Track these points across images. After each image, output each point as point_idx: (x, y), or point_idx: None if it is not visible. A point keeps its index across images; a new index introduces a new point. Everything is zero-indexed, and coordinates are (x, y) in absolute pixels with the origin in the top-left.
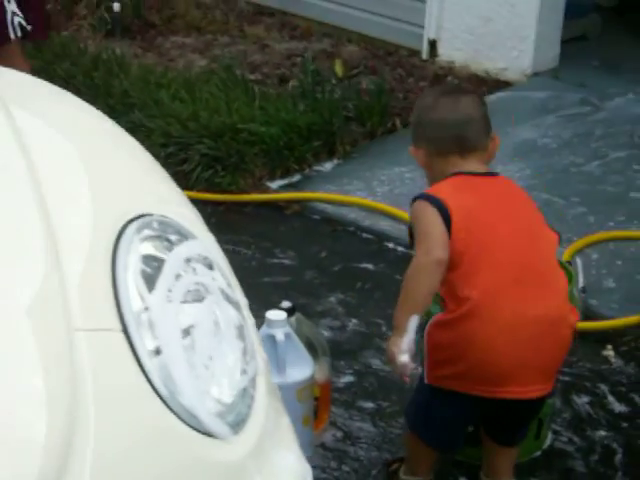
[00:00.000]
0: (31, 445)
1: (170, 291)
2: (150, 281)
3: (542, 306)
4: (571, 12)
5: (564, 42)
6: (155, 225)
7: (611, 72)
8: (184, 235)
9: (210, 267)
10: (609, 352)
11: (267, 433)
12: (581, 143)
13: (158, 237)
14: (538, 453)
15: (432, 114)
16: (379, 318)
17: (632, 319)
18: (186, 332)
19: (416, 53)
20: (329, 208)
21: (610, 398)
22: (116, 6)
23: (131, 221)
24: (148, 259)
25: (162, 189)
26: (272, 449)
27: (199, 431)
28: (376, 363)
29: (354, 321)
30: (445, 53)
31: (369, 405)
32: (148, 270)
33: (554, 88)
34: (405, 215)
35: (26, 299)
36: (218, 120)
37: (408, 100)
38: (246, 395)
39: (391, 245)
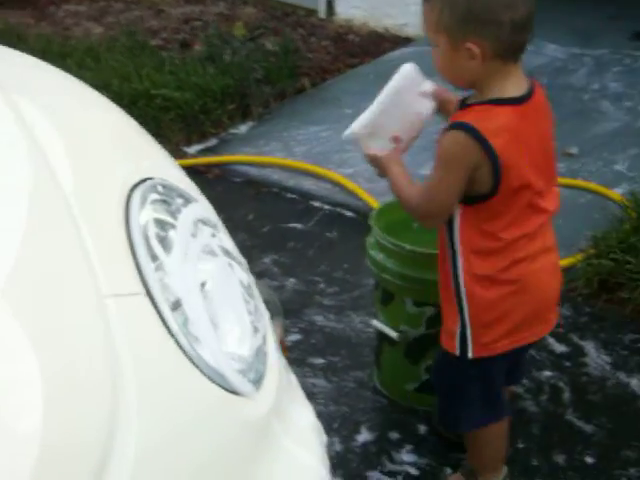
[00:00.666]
0: (82, 413)
1: (186, 254)
2: (163, 243)
3: (552, 235)
4: None
5: None
6: (160, 189)
7: None
8: (187, 198)
9: (215, 228)
10: None
11: (282, 389)
12: None
13: (164, 201)
14: None
15: (501, 8)
16: (316, 276)
17: (561, 262)
18: (204, 290)
19: (313, 13)
20: (251, 170)
21: (550, 340)
22: None
23: (135, 186)
24: (158, 222)
25: (154, 153)
26: (288, 405)
27: (226, 389)
28: (320, 320)
29: (292, 280)
30: (343, 12)
31: (319, 361)
32: (161, 233)
33: None
34: (328, 173)
35: (55, 268)
36: (130, 87)
37: (313, 60)
38: (260, 352)
39: (317, 204)
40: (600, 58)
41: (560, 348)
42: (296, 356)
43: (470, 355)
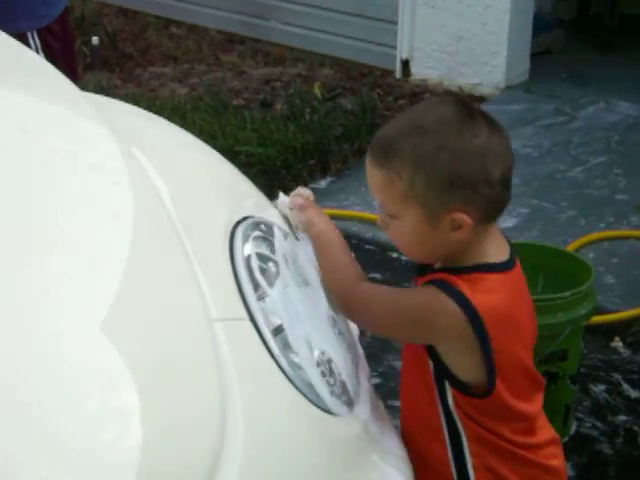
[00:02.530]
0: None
1: (286, 285)
2: (264, 274)
3: None
4: (537, 28)
5: (531, 56)
6: (261, 226)
7: (579, 83)
8: (285, 234)
9: (311, 261)
10: (617, 343)
11: (373, 412)
12: (561, 151)
13: (264, 237)
14: (566, 439)
15: (491, 162)
16: None
17: (636, 311)
18: (299, 315)
19: (389, 73)
20: None
21: (625, 385)
22: (95, 39)
23: (239, 223)
24: (259, 256)
25: (254, 193)
26: (378, 427)
27: (322, 409)
28: (398, 364)
29: None
30: (418, 72)
31: (398, 404)
32: (262, 265)
33: (527, 100)
34: None
35: (168, 292)
36: (216, 144)
37: (390, 118)
38: (352, 375)
39: (394, 255)
40: None
41: (635, 393)
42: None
43: None
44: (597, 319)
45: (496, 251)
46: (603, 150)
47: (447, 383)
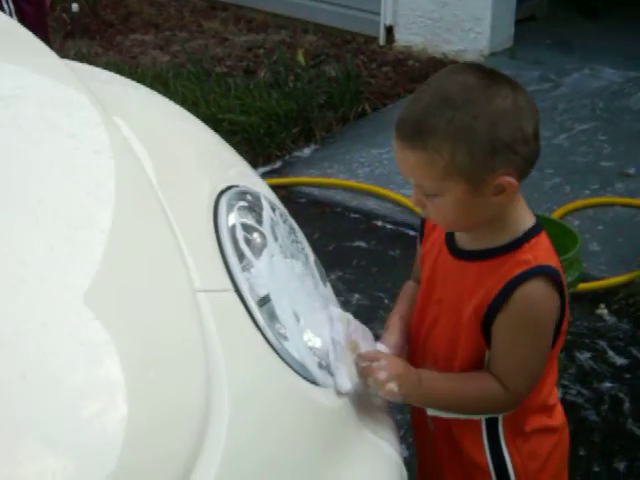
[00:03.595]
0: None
1: (272, 255)
2: (249, 245)
3: None
4: None
5: (516, 23)
6: (246, 196)
7: (564, 49)
8: (271, 204)
9: (294, 232)
10: (603, 310)
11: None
12: (546, 118)
13: (250, 207)
14: None
15: (523, 120)
16: (380, 292)
17: (622, 277)
18: (286, 286)
19: (373, 40)
20: (315, 191)
21: (610, 352)
22: (74, 7)
23: (223, 192)
24: (244, 226)
25: (238, 163)
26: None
27: (308, 380)
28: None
29: (357, 296)
30: (402, 38)
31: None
32: (247, 236)
33: (512, 67)
34: (390, 193)
35: (151, 262)
36: (198, 112)
37: (374, 85)
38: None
39: (379, 223)
40: None
41: (620, 360)
42: None
43: None
44: (583, 286)
45: (528, 213)
46: (588, 117)
47: None
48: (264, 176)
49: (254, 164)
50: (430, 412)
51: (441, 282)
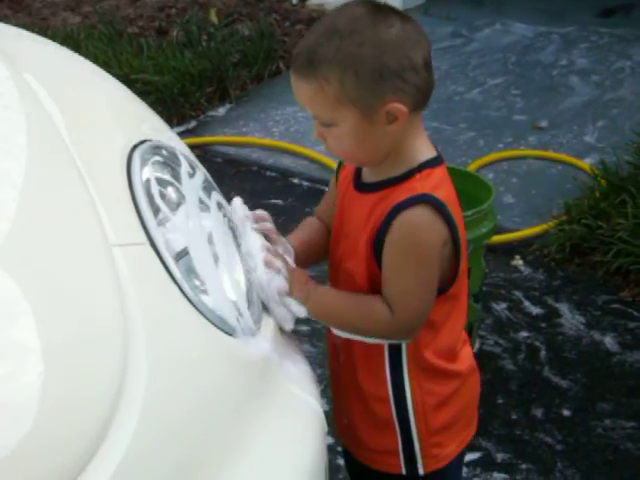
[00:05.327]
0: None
1: (187, 208)
2: (164, 199)
3: None
4: None
5: None
6: (159, 150)
7: (475, 4)
8: (185, 158)
9: (211, 186)
10: (518, 262)
11: (278, 335)
12: (459, 73)
13: (164, 162)
14: None
15: (411, 49)
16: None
17: (536, 229)
18: (203, 240)
19: None
20: (231, 150)
21: (526, 303)
22: None
23: (136, 146)
24: (159, 180)
25: (151, 117)
26: (286, 351)
27: (226, 332)
28: None
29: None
30: None
31: (304, 328)
32: (162, 190)
33: (425, 23)
34: (305, 151)
35: (64, 217)
36: (110, 73)
37: (288, 44)
38: (255, 293)
39: (296, 180)
40: (567, 35)
41: (535, 310)
42: None
43: (421, 472)
44: (498, 238)
45: (428, 146)
46: (500, 71)
47: None
48: (179, 136)
49: (169, 124)
50: (332, 330)
51: (347, 217)
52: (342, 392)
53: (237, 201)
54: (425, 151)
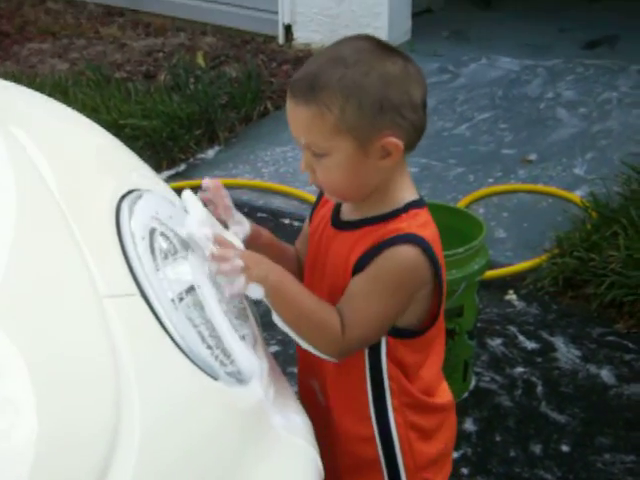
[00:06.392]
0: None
1: (176, 258)
2: (153, 248)
3: None
4: None
5: (413, 16)
6: (148, 199)
7: (461, 40)
8: (172, 207)
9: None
10: (511, 296)
11: (272, 383)
12: (447, 108)
13: (153, 210)
14: (466, 394)
15: (412, 87)
16: None
17: (528, 263)
18: (195, 292)
19: (272, 39)
20: None
21: (520, 337)
22: None
23: (124, 196)
24: (147, 229)
25: (139, 167)
26: (279, 399)
27: (217, 380)
28: None
29: None
30: (301, 36)
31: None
32: (151, 239)
33: None
34: (295, 191)
35: (53, 271)
36: (99, 118)
37: (275, 84)
38: (250, 348)
39: (287, 221)
40: (553, 68)
41: (531, 345)
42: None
43: None
44: (490, 274)
45: (412, 187)
46: (488, 106)
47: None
48: (169, 179)
49: (158, 168)
50: (274, 317)
51: (323, 255)
52: (322, 437)
53: (187, 193)
54: (410, 194)
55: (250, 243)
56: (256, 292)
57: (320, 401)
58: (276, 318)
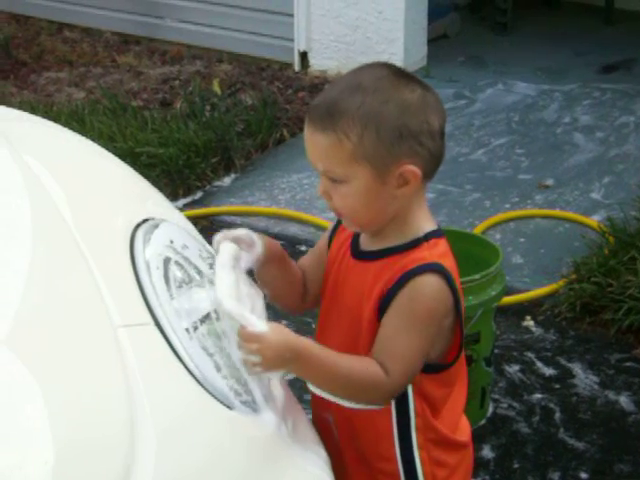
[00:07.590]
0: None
1: (191, 287)
2: (167, 277)
3: None
4: (432, 13)
5: (429, 42)
6: (162, 228)
7: (477, 65)
8: (187, 235)
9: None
10: (529, 322)
11: (287, 411)
12: (463, 134)
13: (168, 239)
14: (483, 421)
15: (430, 115)
16: (307, 317)
17: (545, 289)
18: (209, 320)
19: (288, 66)
20: (238, 220)
21: (538, 364)
22: None
23: (139, 225)
24: (162, 258)
25: (154, 195)
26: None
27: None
28: None
29: (284, 322)
30: (317, 63)
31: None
32: (165, 268)
33: None
34: (312, 218)
35: (68, 300)
36: (115, 147)
37: (291, 111)
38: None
39: (303, 247)
40: (570, 93)
41: (549, 371)
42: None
43: None
44: (507, 300)
45: (430, 217)
46: (504, 131)
47: None
48: (185, 207)
49: (174, 196)
50: (311, 387)
51: (341, 285)
52: (338, 468)
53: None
54: (429, 223)
55: (264, 264)
56: (278, 375)
57: (334, 435)
58: (315, 389)
